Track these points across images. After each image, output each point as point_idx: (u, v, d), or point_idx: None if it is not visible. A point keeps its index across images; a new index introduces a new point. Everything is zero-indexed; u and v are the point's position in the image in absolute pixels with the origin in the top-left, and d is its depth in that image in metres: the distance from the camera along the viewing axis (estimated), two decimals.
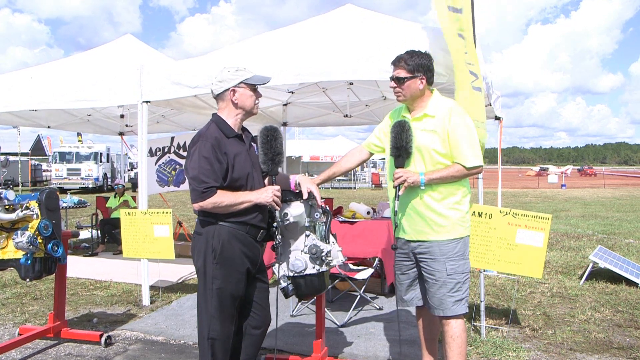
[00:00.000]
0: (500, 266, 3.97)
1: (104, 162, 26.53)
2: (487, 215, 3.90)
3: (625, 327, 4.43)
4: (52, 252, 3.54)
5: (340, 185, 31.68)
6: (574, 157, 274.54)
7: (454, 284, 2.85)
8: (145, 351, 3.91)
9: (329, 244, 2.84)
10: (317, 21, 5.02)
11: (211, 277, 2.67)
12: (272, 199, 2.68)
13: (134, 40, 7.57)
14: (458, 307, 2.86)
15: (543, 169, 61.80)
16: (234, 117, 2.78)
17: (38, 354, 3.87)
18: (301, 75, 4.27)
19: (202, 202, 2.58)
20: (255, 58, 4.42)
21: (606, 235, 10.16)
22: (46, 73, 6.33)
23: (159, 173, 8.00)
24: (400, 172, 2.81)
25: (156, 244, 4.84)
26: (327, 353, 3.42)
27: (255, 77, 2.79)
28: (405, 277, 3.05)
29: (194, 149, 2.65)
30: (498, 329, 4.31)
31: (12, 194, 3.50)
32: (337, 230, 4.80)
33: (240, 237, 2.70)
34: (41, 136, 35.83)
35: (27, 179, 27.99)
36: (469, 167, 2.81)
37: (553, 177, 40.06)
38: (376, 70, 3.97)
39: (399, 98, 2.95)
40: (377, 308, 4.93)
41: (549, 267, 6.82)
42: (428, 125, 2.86)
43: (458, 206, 2.89)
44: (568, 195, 24.12)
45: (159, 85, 4.96)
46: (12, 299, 5.33)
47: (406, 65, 2.86)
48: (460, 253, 2.88)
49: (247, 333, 2.88)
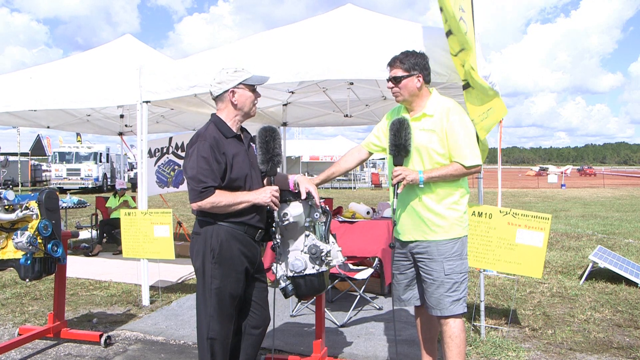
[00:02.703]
0: (500, 266, 3.97)
1: (103, 162, 26.52)
2: (487, 215, 3.90)
3: (625, 326, 4.43)
4: (52, 252, 3.54)
5: (340, 185, 31.68)
6: (574, 157, 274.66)
7: (451, 283, 2.85)
8: (145, 351, 3.90)
9: (328, 244, 2.84)
10: (317, 20, 5.02)
11: (210, 277, 2.67)
12: (270, 199, 2.68)
13: (134, 41, 7.57)
14: (456, 307, 2.86)
15: (543, 168, 61.82)
16: (233, 117, 2.78)
17: (38, 354, 3.87)
18: (301, 73, 4.26)
19: (200, 202, 2.58)
20: (255, 57, 4.42)
21: (606, 235, 10.16)
22: (46, 73, 6.33)
23: (158, 174, 8.00)
24: (399, 170, 2.81)
25: (156, 244, 4.84)
26: (326, 353, 3.41)
27: (254, 77, 2.79)
28: (404, 277, 3.05)
29: (192, 149, 2.65)
30: (498, 328, 4.31)
31: (12, 194, 3.49)
32: (336, 230, 4.80)
33: (239, 237, 2.70)
34: (41, 136, 35.80)
35: (26, 179, 27.96)
36: (468, 166, 2.82)
37: (553, 177, 40.06)
38: (376, 69, 3.97)
39: (397, 98, 2.95)
40: (377, 308, 4.93)
41: (549, 267, 6.82)
42: (427, 124, 2.87)
43: (456, 206, 2.90)
44: (568, 195, 24.12)
45: (158, 85, 4.95)
46: (12, 299, 5.32)
47: (402, 64, 2.87)
48: (458, 253, 2.88)
49: (246, 333, 2.88)
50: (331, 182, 27.49)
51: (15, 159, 26.94)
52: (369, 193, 26.06)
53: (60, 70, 6.42)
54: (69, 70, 6.30)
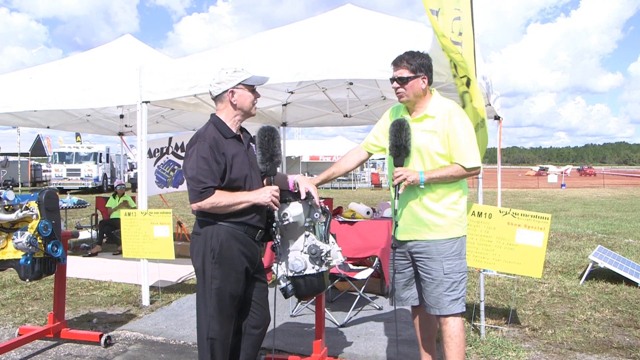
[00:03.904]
0: (500, 266, 3.97)
1: (103, 163, 26.52)
2: (486, 215, 3.90)
3: (625, 326, 4.43)
4: (52, 253, 3.54)
5: (340, 185, 31.68)
6: (574, 157, 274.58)
7: (450, 283, 2.85)
8: (145, 351, 3.90)
9: (328, 244, 2.84)
10: (316, 20, 5.02)
11: (210, 277, 2.67)
12: (270, 199, 2.68)
13: (134, 41, 7.58)
14: (454, 306, 2.86)
15: (543, 168, 61.82)
16: (233, 117, 2.78)
17: (38, 354, 3.87)
18: (300, 74, 4.26)
19: (200, 202, 2.59)
20: (255, 56, 4.41)
21: (606, 235, 10.16)
22: (45, 73, 6.33)
23: (157, 174, 8.00)
24: (400, 170, 2.81)
25: (156, 244, 4.84)
26: (326, 353, 3.41)
27: (253, 77, 2.79)
28: (402, 276, 3.05)
29: (192, 150, 2.65)
30: (498, 328, 4.31)
31: (12, 195, 3.49)
32: (336, 230, 4.80)
33: (239, 237, 2.70)
34: (41, 136, 35.82)
35: (26, 179, 27.97)
36: (469, 167, 2.83)
37: (553, 177, 40.05)
38: (376, 69, 3.97)
39: (402, 99, 2.93)
40: (377, 308, 4.93)
41: (549, 267, 6.82)
42: (428, 125, 2.87)
43: (455, 206, 2.90)
44: (568, 195, 24.13)
45: (158, 86, 4.95)
46: (12, 300, 5.32)
47: (409, 65, 2.85)
48: (457, 252, 2.89)
49: (246, 333, 2.88)
50: (331, 182, 27.47)
51: (15, 159, 26.96)
52: (369, 193, 26.06)
53: (60, 70, 6.42)
54: (68, 71, 6.30)
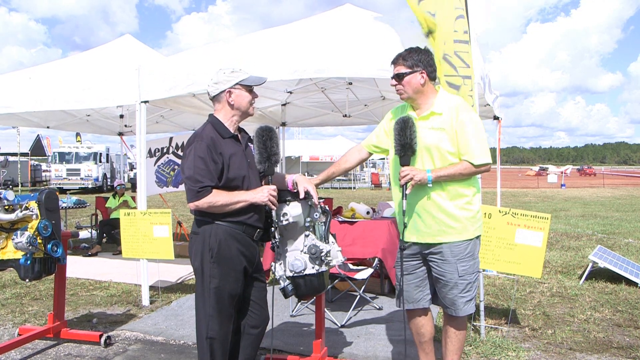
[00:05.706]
0: (500, 266, 3.97)
1: (103, 163, 26.52)
2: (486, 214, 3.90)
3: (624, 326, 4.42)
4: (52, 253, 3.54)
5: (340, 185, 31.68)
6: (574, 157, 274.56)
7: (465, 284, 2.82)
8: (145, 351, 3.90)
9: (328, 244, 2.83)
10: (315, 20, 5.02)
11: (209, 276, 2.67)
12: (267, 199, 2.67)
13: (133, 41, 7.57)
14: (469, 306, 2.87)
15: (542, 168, 61.80)
16: (230, 118, 2.78)
17: (38, 354, 3.87)
18: (298, 71, 4.25)
19: (197, 201, 2.59)
20: (253, 54, 4.41)
21: (606, 235, 10.16)
22: (45, 73, 6.32)
23: (157, 174, 8.00)
24: (406, 170, 2.73)
25: (155, 244, 4.84)
26: (326, 353, 3.41)
27: (251, 77, 2.79)
28: (414, 277, 2.97)
29: (189, 149, 2.65)
30: (498, 328, 4.31)
31: (12, 194, 3.49)
32: (336, 230, 4.80)
33: (237, 237, 2.70)
34: (41, 136, 35.79)
35: (26, 179, 27.96)
36: (477, 164, 2.75)
37: (552, 176, 40.04)
38: (375, 68, 3.97)
39: (402, 96, 2.89)
40: (377, 308, 4.92)
41: (549, 267, 6.82)
42: (436, 123, 2.80)
43: (469, 206, 2.83)
44: (567, 195, 24.12)
45: (156, 85, 4.95)
46: (12, 300, 5.32)
47: (404, 61, 2.83)
48: (471, 253, 2.84)
49: (245, 332, 2.88)
50: (331, 182, 27.51)
51: (15, 159, 26.96)
52: (369, 193, 26.06)
53: (59, 70, 6.42)
54: (68, 71, 6.30)
